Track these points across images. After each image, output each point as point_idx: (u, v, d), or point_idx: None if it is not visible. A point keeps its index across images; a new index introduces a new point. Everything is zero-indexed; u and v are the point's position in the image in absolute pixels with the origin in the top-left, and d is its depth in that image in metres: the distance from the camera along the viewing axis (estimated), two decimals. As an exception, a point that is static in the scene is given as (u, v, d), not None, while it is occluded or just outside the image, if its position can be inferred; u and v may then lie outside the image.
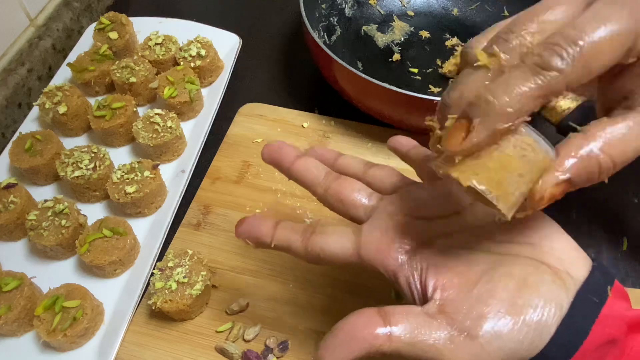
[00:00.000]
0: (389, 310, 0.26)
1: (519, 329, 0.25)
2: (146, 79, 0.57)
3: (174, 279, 0.43)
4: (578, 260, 0.28)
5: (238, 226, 0.34)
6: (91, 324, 0.42)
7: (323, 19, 0.63)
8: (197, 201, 0.52)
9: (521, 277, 0.26)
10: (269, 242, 0.33)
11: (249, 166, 0.54)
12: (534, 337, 0.25)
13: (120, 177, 0.49)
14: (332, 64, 0.51)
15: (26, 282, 0.43)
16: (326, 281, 0.46)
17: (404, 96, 0.47)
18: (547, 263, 0.27)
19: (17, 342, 0.43)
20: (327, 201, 0.34)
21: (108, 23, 0.62)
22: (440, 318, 0.26)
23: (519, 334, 0.25)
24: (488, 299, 0.26)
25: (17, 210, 0.47)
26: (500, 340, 0.25)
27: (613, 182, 0.52)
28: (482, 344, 0.25)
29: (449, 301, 0.27)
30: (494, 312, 0.25)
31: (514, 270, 0.27)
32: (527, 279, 0.26)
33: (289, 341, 0.42)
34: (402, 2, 0.68)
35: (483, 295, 0.26)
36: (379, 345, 0.25)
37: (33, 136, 0.52)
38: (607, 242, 0.48)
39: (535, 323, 0.25)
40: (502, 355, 0.25)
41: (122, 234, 0.46)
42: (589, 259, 0.28)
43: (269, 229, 0.33)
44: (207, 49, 0.59)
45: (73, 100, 0.55)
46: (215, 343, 0.43)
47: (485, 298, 0.26)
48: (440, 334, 0.26)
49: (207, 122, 0.56)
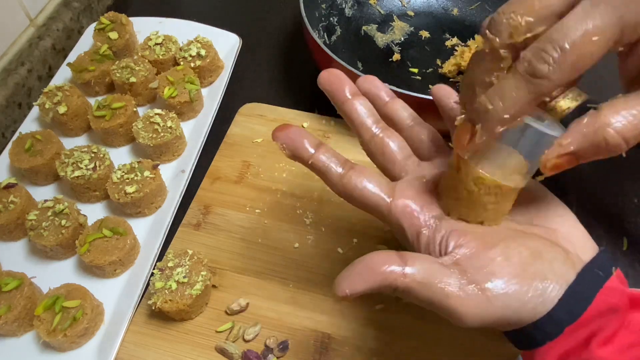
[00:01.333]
0: (407, 254, 0.28)
1: (526, 291, 0.27)
2: (146, 79, 0.57)
3: (174, 279, 0.43)
4: (589, 247, 0.30)
5: (279, 130, 0.32)
6: (91, 324, 0.42)
7: (323, 19, 0.63)
8: (197, 201, 0.52)
9: (536, 250, 0.28)
10: (307, 158, 0.32)
11: (249, 166, 0.54)
12: (537, 304, 0.27)
13: (120, 177, 0.49)
14: (332, 64, 0.51)
15: (26, 282, 0.43)
16: (327, 281, 0.46)
17: (403, 96, 0.47)
18: (562, 245, 0.29)
19: (17, 342, 0.43)
20: (369, 149, 0.35)
21: (108, 23, 0.62)
22: (454, 268, 0.27)
23: (525, 295, 0.27)
24: (502, 261, 0.27)
25: (17, 210, 0.47)
26: (506, 297, 0.27)
27: (613, 182, 0.52)
28: (489, 297, 0.27)
29: (465, 257, 0.28)
30: (505, 273, 0.27)
31: (531, 243, 0.29)
32: (541, 252, 0.28)
33: (289, 341, 0.42)
34: (402, 2, 0.68)
35: (498, 257, 0.28)
36: (393, 279, 0.27)
37: (33, 136, 0.52)
38: (607, 242, 0.48)
39: (541, 291, 0.27)
40: (506, 312, 0.27)
41: (122, 234, 0.46)
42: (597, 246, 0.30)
43: (312, 145, 0.32)
44: (207, 49, 0.59)
45: (73, 100, 0.55)
46: (215, 343, 0.43)
47: (499, 260, 0.28)
48: (451, 280, 0.27)
49: (207, 122, 0.56)
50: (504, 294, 0.27)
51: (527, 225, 0.31)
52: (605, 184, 0.52)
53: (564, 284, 0.27)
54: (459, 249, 0.29)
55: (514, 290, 0.27)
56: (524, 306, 0.27)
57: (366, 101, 0.36)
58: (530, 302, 0.27)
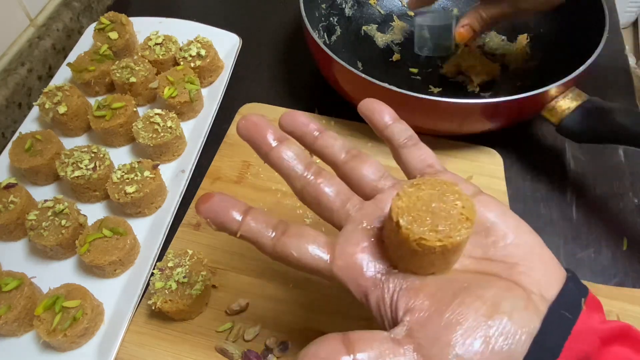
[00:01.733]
0: (353, 337, 0.25)
1: (488, 358, 0.24)
2: (146, 79, 0.57)
3: (174, 279, 0.43)
4: (554, 279, 0.27)
5: (202, 202, 0.29)
6: (91, 324, 0.42)
7: (323, 19, 0.63)
8: (197, 201, 0.52)
9: (494, 302, 0.25)
10: (235, 230, 0.29)
11: (249, 166, 0.54)
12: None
13: (120, 177, 0.49)
14: (332, 64, 0.51)
15: (26, 282, 0.43)
16: (327, 281, 0.45)
17: (404, 96, 0.47)
18: (523, 285, 0.27)
19: (17, 342, 0.43)
20: (303, 199, 0.32)
21: (108, 23, 0.62)
22: (407, 344, 0.25)
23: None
24: (457, 326, 0.25)
25: (17, 210, 0.47)
26: None
27: (613, 182, 0.52)
28: None
29: (419, 325, 0.25)
30: (462, 340, 0.24)
31: (488, 293, 0.26)
32: (499, 304, 0.25)
33: (289, 341, 0.42)
34: (402, 2, 0.68)
35: (453, 320, 0.25)
36: None
37: (33, 136, 0.52)
38: (607, 242, 0.48)
39: (506, 352, 0.24)
40: None
41: (122, 234, 0.46)
42: (564, 272, 0.28)
43: (238, 215, 0.29)
44: (207, 49, 0.59)
45: (73, 100, 0.55)
46: (215, 343, 0.43)
47: (454, 324, 0.25)
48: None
49: (207, 122, 0.56)
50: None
51: (486, 262, 0.28)
52: (605, 184, 0.52)
53: (529, 338, 0.24)
54: (410, 315, 0.26)
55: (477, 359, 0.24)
56: None
57: (293, 144, 0.32)
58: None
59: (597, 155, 0.55)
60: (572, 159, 0.54)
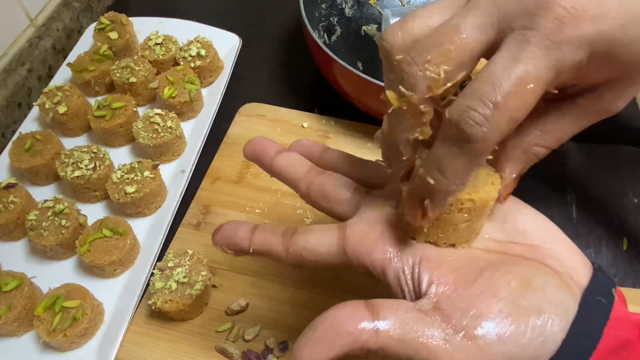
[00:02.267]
0: (377, 303, 0.24)
1: (523, 332, 0.23)
2: (146, 79, 0.57)
3: (174, 279, 0.43)
4: (580, 264, 0.26)
5: (215, 235, 0.31)
6: (91, 324, 0.42)
7: (323, 19, 0.63)
8: (197, 201, 0.52)
9: (525, 277, 0.24)
10: (247, 247, 0.30)
11: (249, 166, 0.54)
12: (537, 345, 0.23)
13: (120, 177, 0.49)
14: (332, 64, 0.51)
15: (26, 282, 0.43)
16: (327, 281, 0.45)
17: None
18: (550, 264, 0.26)
19: (17, 342, 0.43)
20: (310, 198, 0.32)
21: (108, 23, 0.62)
22: (434, 315, 0.24)
23: (522, 338, 0.23)
24: (489, 297, 0.24)
25: (17, 210, 0.47)
26: (502, 343, 0.23)
27: (613, 182, 0.52)
28: (481, 346, 0.23)
29: (445, 297, 0.24)
30: (495, 312, 0.23)
31: (517, 269, 0.25)
32: (531, 280, 0.24)
33: (289, 341, 0.42)
34: (402, 2, 0.68)
35: (483, 292, 0.24)
36: (365, 341, 0.23)
37: (33, 136, 0.52)
38: (607, 242, 0.48)
39: (540, 328, 0.23)
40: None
41: (122, 234, 0.46)
42: (589, 261, 0.27)
43: (246, 232, 0.30)
44: (207, 49, 0.59)
45: (73, 100, 0.55)
46: (215, 343, 0.43)
47: (485, 296, 0.24)
48: (434, 332, 0.23)
49: (207, 122, 0.56)
50: (498, 340, 0.23)
51: (507, 243, 0.27)
52: (605, 184, 0.52)
53: (564, 316, 0.23)
54: (436, 287, 0.25)
55: (510, 333, 0.23)
56: (524, 351, 0.23)
57: (295, 154, 0.33)
58: (530, 345, 0.23)
59: (597, 155, 0.55)
60: (572, 159, 0.54)
